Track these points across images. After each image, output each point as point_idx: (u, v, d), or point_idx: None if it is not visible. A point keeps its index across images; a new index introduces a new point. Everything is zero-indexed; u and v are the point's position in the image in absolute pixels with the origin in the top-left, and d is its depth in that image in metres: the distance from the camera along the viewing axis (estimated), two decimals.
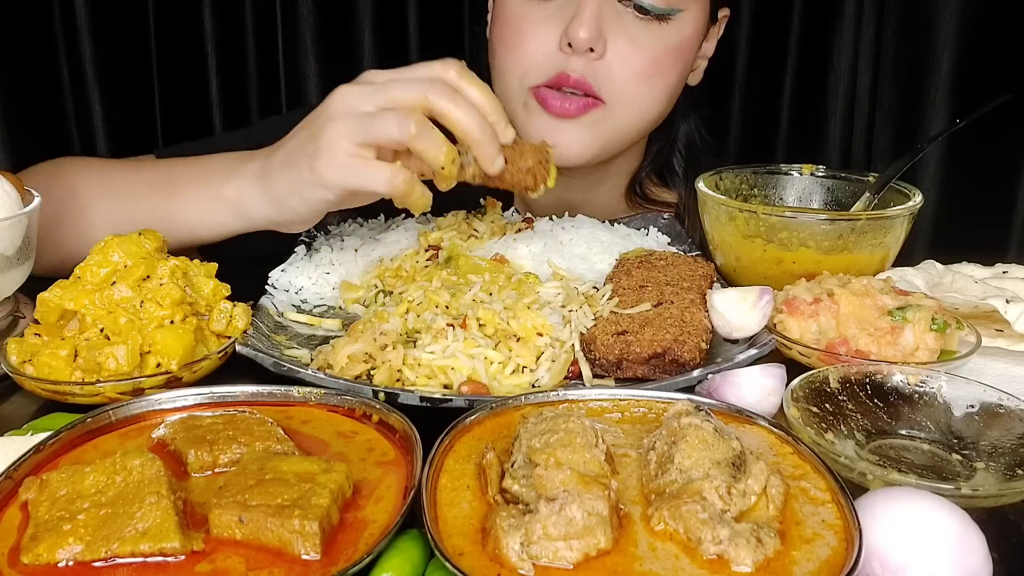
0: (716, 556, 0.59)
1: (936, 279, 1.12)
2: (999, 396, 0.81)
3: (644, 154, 1.53)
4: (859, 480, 0.71)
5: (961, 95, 1.80)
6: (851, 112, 1.91)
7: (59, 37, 1.96)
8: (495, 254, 1.15)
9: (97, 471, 0.65)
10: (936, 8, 1.79)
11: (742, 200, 1.31)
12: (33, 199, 1.05)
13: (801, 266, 1.12)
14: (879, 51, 1.86)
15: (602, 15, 1.23)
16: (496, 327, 0.95)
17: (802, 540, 0.61)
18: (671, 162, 1.54)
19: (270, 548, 0.61)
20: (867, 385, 0.85)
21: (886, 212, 1.15)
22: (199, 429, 0.74)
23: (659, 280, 1.07)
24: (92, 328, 0.89)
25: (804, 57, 1.90)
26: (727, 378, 0.85)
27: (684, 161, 1.54)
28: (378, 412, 0.78)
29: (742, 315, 0.97)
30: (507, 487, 0.65)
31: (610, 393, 0.81)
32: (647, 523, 0.63)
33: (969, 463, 0.77)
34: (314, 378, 0.86)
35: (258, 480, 0.65)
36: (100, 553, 0.59)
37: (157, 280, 0.92)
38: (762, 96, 1.95)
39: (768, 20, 1.90)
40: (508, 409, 0.78)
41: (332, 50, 1.95)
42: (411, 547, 0.62)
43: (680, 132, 1.53)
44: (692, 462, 0.66)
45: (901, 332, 0.92)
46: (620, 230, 1.30)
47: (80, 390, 0.84)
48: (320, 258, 1.18)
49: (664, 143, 1.53)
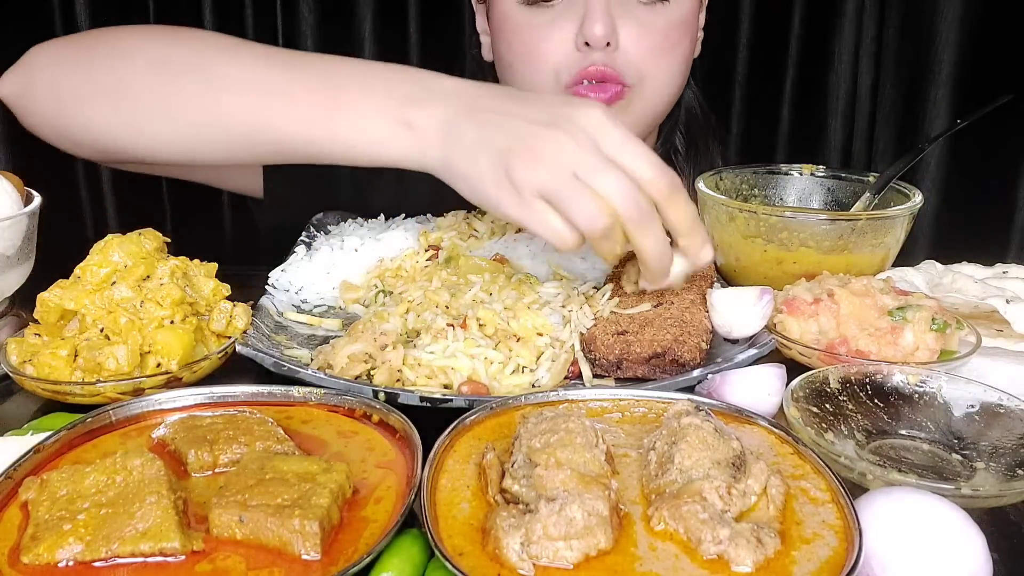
0: (716, 556, 0.59)
1: (936, 279, 1.12)
2: (999, 396, 0.81)
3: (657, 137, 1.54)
4: (859, 480, 0.71)
5: (962, 95, 1.80)
6: (851, 112, 1.91)
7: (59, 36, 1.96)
8: (495, 254, 1.15)
9: (97, 471, 0.65)
10: (937, 8, 1.79)
11: (742, 200, 1.31)
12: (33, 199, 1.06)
13: (801, 266, 1.12)
14: (880, 51, 1.86)
15: (610, 7, 1.24)
16: (496, 327, 0.95)
17: (802, 540, 0.61)
18: (675, 142, 1.54)
19: (270, 548, 0.61)
20: (867, 385, 0.85)
21: (886, 212, 1.15)
22: (199, 429, 0.74)
23: None
24: (92, 328, 0.89)
25: (804, 57, 1.90)
26: (727, 378, 0.85)
27: (684, 141, 1.54)
28: (378, 412, 0.78)
29: (742, 315, 0.97)
30: (507, 487, 0.65)
31: (610, 393, 0.81)
32: (647, 523, 0.63)
33: (969, 463, 0.77)
34: (314, 378, 0.86)
35: (258, 480, 0.65)
36: (100, 553, 0.59)
37: (157, 280, 0.92)
38: (762, 96, 1.95)
39: (768, 20, 1.90)
40: (508, 409, 0.78)
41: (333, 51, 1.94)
42: (411, 547, 0.62)
43: (682, 109, 1.53)
44: (692, 462, 0.66)
45: (901, 332, 0.92)
46: None
47: (80, 390, 0.84)
48: (320, 258, 1.18)
49: (673, 121, 1.53)
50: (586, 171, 0.84)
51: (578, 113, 0.87)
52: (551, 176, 0.85)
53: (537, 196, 0.85)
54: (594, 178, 0.84)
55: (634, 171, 0.86)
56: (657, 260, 0.89)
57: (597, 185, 0.84)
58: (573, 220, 0.85)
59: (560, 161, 0.85)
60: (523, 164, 0.85)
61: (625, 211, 0.85)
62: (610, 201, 0.84)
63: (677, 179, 0.87)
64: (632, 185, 0.85)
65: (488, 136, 0.88)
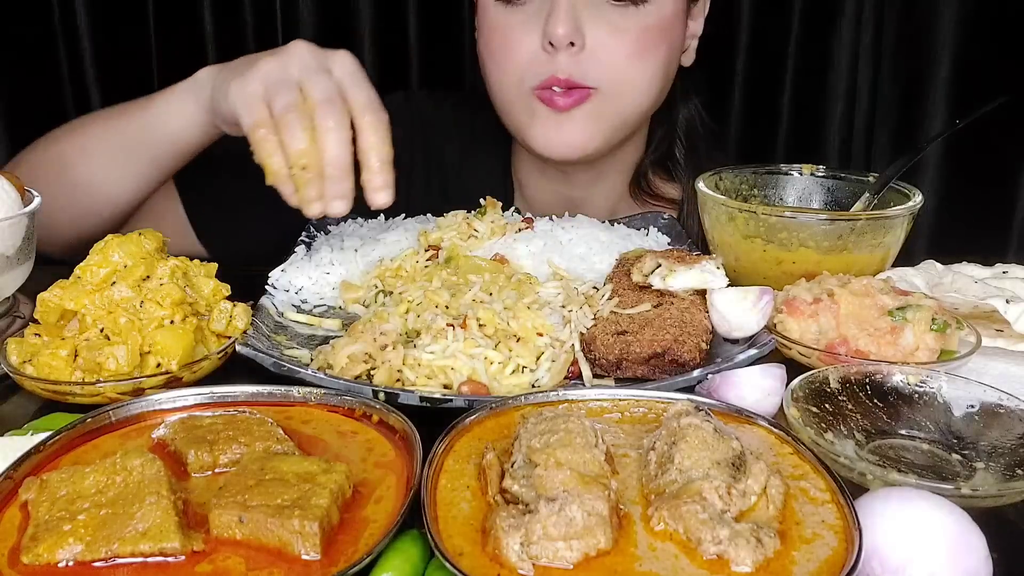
0: (716, 556, 0.59)
1: (936, 279, 1.12)
2: (999, 396, 0.81)
3: (647, 144, 1.54)
4: (859, 480, 0.71)
5: (961, 96, 1.81)
6: (851, 112, 1.92)
7: (59, 37, 1.96)
8: (495, 254, 1.15)
9: (97, 471, 0.65)
10: (936, 9, 1.79)
11: (742, 200, 1.31)
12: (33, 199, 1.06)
13: (801, 266, 1.12)
14: (879, 51, 1.86)
15: (577, 9, 1.25)
16: (496, 327, 0.95)
17: (802, 540, 0.61)
18: (672, 151, 1.54)
19: (270, 548, 0.61)
20: (867, 385, 0.85)
21: (886, 212, 1.15)
22: (199, 429, 0.74)
23: None
24: (92, 328, 0.89)
25: (804, 57, 1.91)
26: (727, 378, 0.85)
27: (684, 148, 1.54)
28: (378, 412, 0.78)
29: (742, 315, 0.97)
30: (507, 487, 0.65)
31: (610, 393, 0.81)
32: (647, 523, 0.63)
33: (969, 463, 0.77)
34: (314, 378, 0.86)
35: (258, 480, 0.65)
36: (100, 553, 0.59)
37: (157, 280, 0.92)
38: (762, 96, 1.95)
39: (768, 20, 1.90)
40: (508, 409, 0.78)
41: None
42: (411, 547, 0.62)
43: (680, 117, 1.53)
44: (692, 462, 0.66)
45: (901, 332, 0.92)
46: (620, 230, 1.30)
47: (80, 390, 0.84)
48: (320, 258, 1.18)
49: (665, 130, 1.53)
50: (306, 73, 1.01)
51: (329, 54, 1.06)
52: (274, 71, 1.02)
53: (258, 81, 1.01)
54: (308, 76, 1.01)
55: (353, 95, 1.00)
56: (333, 159, 0.97)
57: (307, 84, 1.00)
58: (273, 104, 0.99)
59: (288, 65, 1.02)
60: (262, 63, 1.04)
61: (319, 104, 0.98)
62: (310, 95, 0.99)
63: (384, 114, 1.01)
64: (336, 90, 1.00)
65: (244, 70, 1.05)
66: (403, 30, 1.96)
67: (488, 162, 1.57)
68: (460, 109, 1.60)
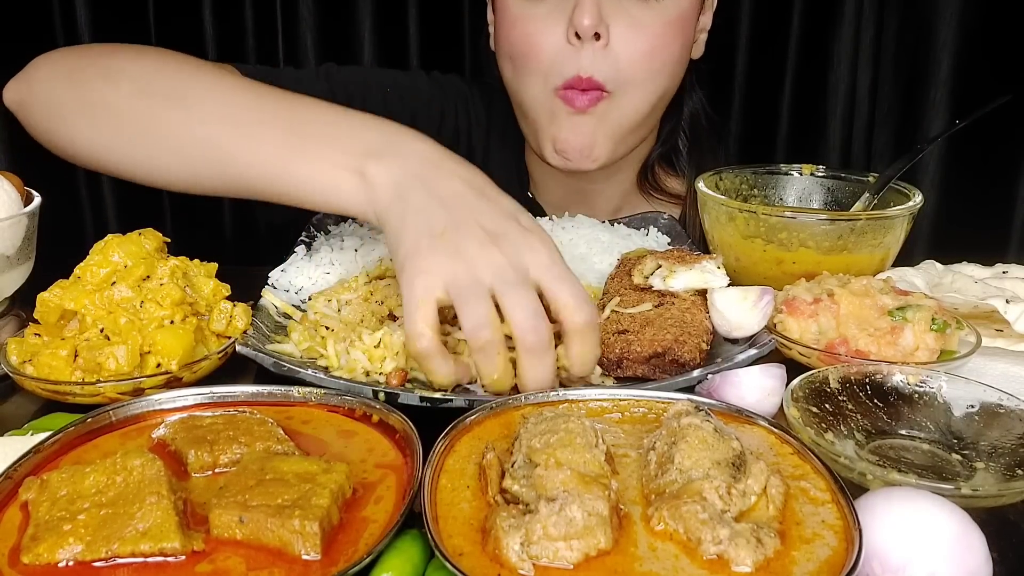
0: (716, 556, 0.59)
1: (936, 279, 1.12)
2: (999, 396, 0.81)
3: (656, 137, 1.54)
4: (859, 480, 0.71)
5: (961, 96, 1.81)
6: (851, 112, 1.91)
7: (59, 37, 1.96)
8: None
9: (97, 471, 0.65)
10: (936, 9, 1.79)
11: (742, 200, 1.31)
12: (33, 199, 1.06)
13: (801, 266, 1.12)
14: (879, 51, 1.86)
15: (601, 2, 1.25)
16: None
17: (802, 540, 0.61)
18: (676, 143, 1.55)
19: (270, 548, 0.61)
20: (867, 385, 0.85)
21: (886, 212, 1.15)
22: (199, 429, 0.74)
23: None
24: (92, 328, 0.89)
25: (804, 57, 1.90)
26: (727, 378, 0.85)
27: (688, 141, 1.54)
28: (378, 412, 0.78)
29: (742, 315, 0.98)
30: (507, 487, 0.65)
31: (610, 393, 0.81)
32: (647, 523, 0.63)
33: (969, 463, 0.77)
34: (314, 378, 0.86)
35: (258, 480, 0.65)
36: (100, 553, 0.59)
37: (157, 280, 0.92)
38: (762, 96, 1.95)
39: (768, 20, 1.90)
40: (508, 409, 0.78)
41: (332, 50, 1.95)
42: (411, 547, 0.62)
43: (686, 111, 1.54)
44: (692, 462, 0.66)
45: (901, 332, 0.92)
46: (620, 230, 1.30)
47: (80, 390, 0.84)
48: (320, 258, 1.18)
49: (673, 123, 1.53)
50: (501, 283, 0.81)
51: (524, 239, 0.84)
52: (462, 275, 0.81)
53: (439, 286, 0.81)
54: (504, 290, 0.80)
55: (556, 294, 0.82)
56: (535, 389, 0.82)
57: (505, 299, 0.80)
58: (461, 319, 0.80)
59: (478, 267, 0.81)
60: (443, 253, 0.82)
61: (521, 332, 0.79)
62: (510, 318, 0.80)
63: (596, 316, 0.84)
64: (539, 311, 0.81)
65: (431, 209, 0.85)
66: (403, 30, 1.96)
67: (502, 154, 1.58)
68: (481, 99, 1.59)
